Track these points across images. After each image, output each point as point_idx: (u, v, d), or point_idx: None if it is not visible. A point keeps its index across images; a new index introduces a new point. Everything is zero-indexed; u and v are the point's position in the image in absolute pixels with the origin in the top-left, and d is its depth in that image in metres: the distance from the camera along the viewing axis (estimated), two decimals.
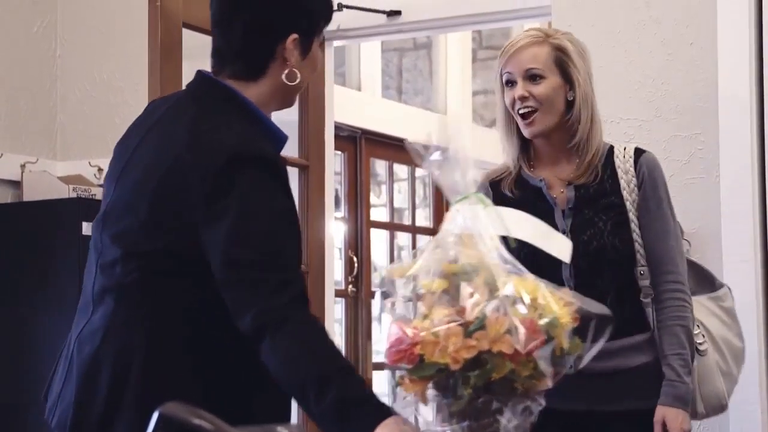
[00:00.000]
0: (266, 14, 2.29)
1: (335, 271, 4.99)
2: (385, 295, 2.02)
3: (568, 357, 1.95)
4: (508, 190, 2.91)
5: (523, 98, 2.84)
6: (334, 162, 4.80)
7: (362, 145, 6.20)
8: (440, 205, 6.62)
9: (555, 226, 2.81)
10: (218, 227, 2.15)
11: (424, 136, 2.06)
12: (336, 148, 4.88)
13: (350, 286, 6.32)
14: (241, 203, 2.15)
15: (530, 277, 1.97)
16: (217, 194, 2.16)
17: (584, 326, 1.98)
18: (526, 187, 2.90)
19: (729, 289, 3.03)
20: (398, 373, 1.95)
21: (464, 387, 1.89)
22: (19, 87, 4.62)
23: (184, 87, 2.51)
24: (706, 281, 3.02)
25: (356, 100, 6.12)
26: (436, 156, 2.04)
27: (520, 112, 2.85)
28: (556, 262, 2.69)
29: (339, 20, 4.48)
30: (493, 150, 7.25)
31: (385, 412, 2.02)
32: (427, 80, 7.36)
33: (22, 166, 4.62)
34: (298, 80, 2.31)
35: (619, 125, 3.85)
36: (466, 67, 7.26)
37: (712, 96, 3.74)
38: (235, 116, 2.27)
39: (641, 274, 2.84)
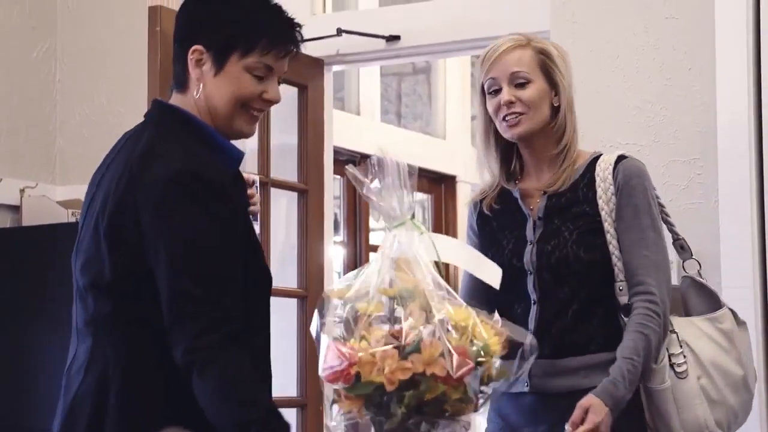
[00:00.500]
0: (180, 23, 2.34)
1: None
2: (322, 315, 2.10)
3: (493, 384, 2.08)
4: (487, 207, 2.82)
5: (509, 103, 2.71)
6: (333, 186, 4.81)
7: None
8: (439, 229, 6.62)
9: (526, 237, 2.74)
10: (159, 257, 2.17)
11: (376, 153, 2.18)
12: (335, 173, 4.88)
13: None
14: (180, 231, 2.17)
15: (462, 305, 2.08)
16: (158, 221, 2.18)
17: (512, 352, 2.13)
18: (509, 199, 2.80)
19: (731, 311, 2.81)
20: (334, 390, 2.02)
21: (398, 406, 1.98)
22: (19, 112, 4.62)
23: None
24: (708, 302, 2.83)
25: (355, 124, 6.13)
26: (375, 183, 2.16)
27: (507, 118, 2.71)
28: (524, 275, 2.73)
29: (338, 45, 4.50)
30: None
31: None
32: (426, 105, 7.37)
33: (22, 191, 4.62)
34: (200, 93, 2.29)
35: (617, 150, 3.84)
36: (465, 91, 7.27)
37: (711, 121, 3.74)
38: (185, 137, 2.28)
39: (620, 290, 2.68)
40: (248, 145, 4.50)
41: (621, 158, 2.74)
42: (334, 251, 5.43)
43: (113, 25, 4.71)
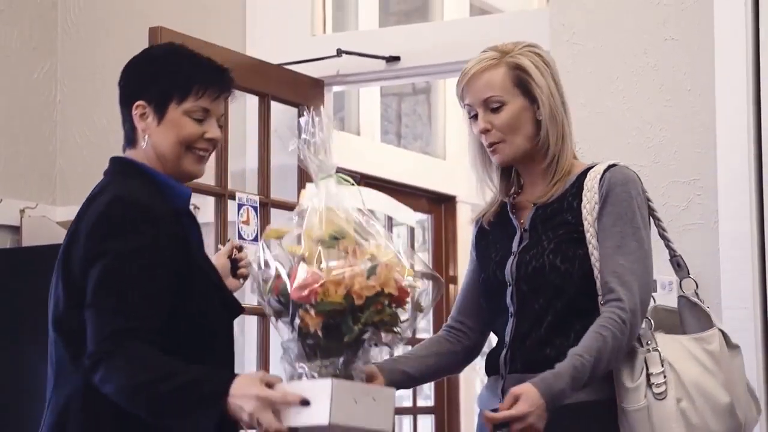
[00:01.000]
0: (122, 86, 2.59)
1: None
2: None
3: (419, 314, 2.43)
4: (486, 221, 2.77)
5: (485, 131, 2.64)
6: None
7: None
8: (439, 249, 6.62)
9: (511, 249, 2.67)
10: (90, 279, 2.39)
11: (306, 114, 2.48)
12: None
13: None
14: (105, 254, 2.38)
15: (385, 244, 2.38)
16: (90, 246, 2.41)
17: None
18: (506, 213, 2.75)
19: (722, 333, 2.66)
20: (300, 309, 2.31)
21: (355, 324, 2.31)
22: (19, 133, 4.63)
23: None
24: (701, 322, 2.69)
25: (355, 144, 6.13)
26: (303, 141, 2.46)
27: (486, 144, 2.66)
28: (505, 287, 2.67)
29: (338, 66, 4.51)
30: (491, 194, 7.19)
31: (227, 377, 2.31)
32: (426, 125, 7.38)
33: (22, 212, 4.62)
34: (146, 143, 2.53)
35: None
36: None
37: (710, 142, 3.75)
38: (132, 179, 2.51)
39: (603, 303, 2.56)
40: (247, 165, 4.51)
41: (611, 167, 2.63)
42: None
43: (114, 46, 4.72)
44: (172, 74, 2.54)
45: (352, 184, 2.47)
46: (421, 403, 6.48)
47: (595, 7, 3.95)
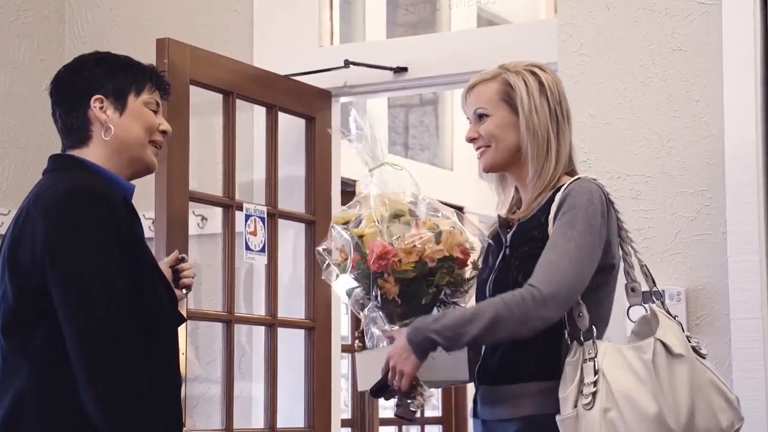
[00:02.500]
0: (65, 93, 2.67)
1: (341, 326, 4.97)
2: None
3: (475, 272, 2.81)
4: (491, 236, 2.86)
5: (471, 139, 2.84)
6: None
7: None
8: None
9: (494, 266, 2.76)
10: (53, 271, 2.43)
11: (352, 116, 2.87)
12: (342, 203, 4.88)
13: (356, 342, 6.29)
14: (64, 238, 2.43)
15: (441, 216, 2.81)
16: (48, 234, 2.44)
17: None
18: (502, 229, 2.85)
19: (659, 341, 2.60)
20: (377, 277, 2.70)
21: (429, 287, 2.72)
22: (27, 145, 4.63)
23: (191, 144, 2.76)
24: (652, 329, 2.65)
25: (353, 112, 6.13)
26: (354, 135, 2.82)
27: (475, 150, 2.83)
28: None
29: (346, 77, 4.51)
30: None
31: None
32: (434, 136, 7.38)
33: None
34: (111, 134, 2.62)
35: (625, 181, 3.85)
36: None
37: (719, 152, 3.74)
38: (76, 172, 2.58)
39: (579, 315, 2.61)
40: (255, 176, 4.51)
41: (576, 180, 2.70)
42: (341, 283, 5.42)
43: None
44: (126, 69, 2.69)
45: (401, 170, 2.85)
46: (429, 413, 6.48)
47: (603, 18, 3.94)
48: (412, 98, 7.44)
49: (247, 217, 4.23)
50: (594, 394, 2.54)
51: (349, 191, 5.93)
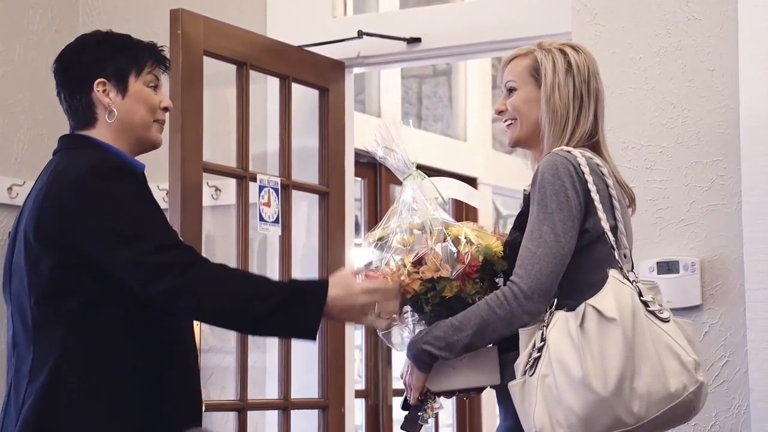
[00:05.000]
0: (69, 76, 2.74)
1: None
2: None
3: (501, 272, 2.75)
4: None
5: (499, 112, 2.91)
6: (354, 188, 4.81)
7: (382, 172, 6.20)
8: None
9: None
10: (91, 235, 2.53)
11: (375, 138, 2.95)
12: (356, 175, 4.88)
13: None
14: (105, 207, 2.54)
15: (455, 224, 2.79)
16: (82, 207, 2.54)
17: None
18: None
19: (590, 305, 2.60)
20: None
21: (426, 305, 2.71)
22: (42, 116, 4.64)
23: (204, 115, 2.82)
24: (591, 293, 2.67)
25: (376, 126, 6.13)
26: (381, 150, 2.92)
27: (503, 124, 2.93)
28: None
29: (359, 47, 4.50)
30: (511, 176, 7.22)
31: (323, 281, 2.64)
32: (447, 107, 7.37)
33: None
34: (115, 117, 2.69)
35: (640, 152, 3.85)
36: (486, 93, 7.26)
37: (734, 122, 3.73)
38: (91, 151, 2.66)
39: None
40: (269, 148, 4.51)
41: (547, 155, 2.77)
42: (355, 253, 5.43)
43: (135, 29, 4.70)
44: (125, 50, 2.74)
45: (423, 179, 2.87)
46: (443, 419, 6.51)
47: None
48: (425, 69, 7.41)
49: (261, 188, 4.24)
50: (537, 360, 2.62)
51: (362, 162, 5.94)
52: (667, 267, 3.74)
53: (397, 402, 6.44)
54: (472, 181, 6.67)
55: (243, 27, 4.30)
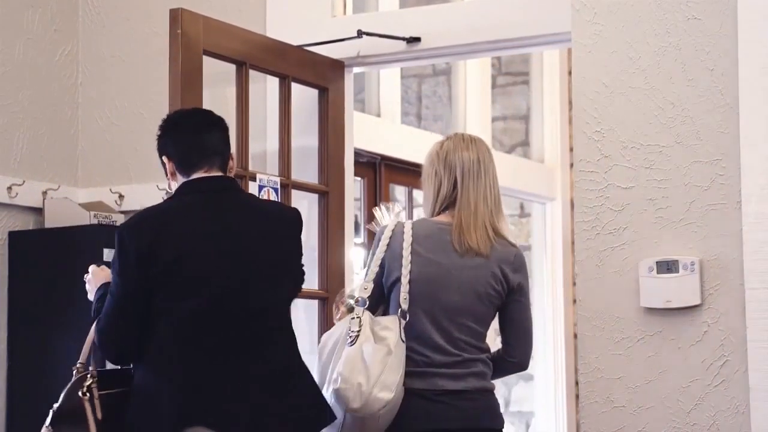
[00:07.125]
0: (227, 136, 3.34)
1: None
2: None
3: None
4: None
5: None
6: (353, 188, 4.81)
7: (382, 171, 6.20)
8: None
9: None
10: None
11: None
12: (356, 174, 4.88)
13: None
14: None
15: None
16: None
17: None
18: None
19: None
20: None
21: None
22: (41, 115, 4.64)
23: None
24: None
25: (376, 126, 6.12)
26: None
27: None
28: None
29: (359, 47, 4.50)
30: (511, 175, 7.18)
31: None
32: (447, 106, 7.37)
33: (44, 193, 4.64)
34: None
35: (639, 151, 3.84)
36: (486, 93, 7.26)
37: (733, 122, 3.73)
38: None
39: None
40: (268, 147, 4.51)
41: None
42: (355, 253, 5.43)
43: (135, 28, 4.73)
44: (163, 144, 3.36)
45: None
46: None
47: None
48: (425, 68, 7.42)
49: (261, 187, 4.24)
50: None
51: (361, 161, 5.94)
52: (666, 266, 3.74)
53: None
54: None
55: (243, 26, 4.29)
